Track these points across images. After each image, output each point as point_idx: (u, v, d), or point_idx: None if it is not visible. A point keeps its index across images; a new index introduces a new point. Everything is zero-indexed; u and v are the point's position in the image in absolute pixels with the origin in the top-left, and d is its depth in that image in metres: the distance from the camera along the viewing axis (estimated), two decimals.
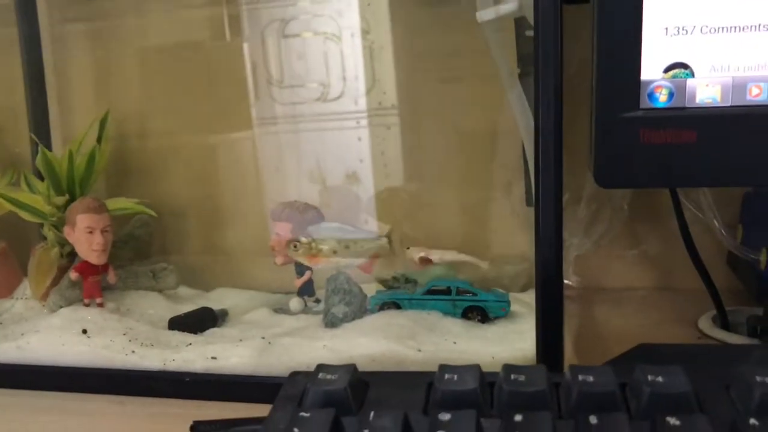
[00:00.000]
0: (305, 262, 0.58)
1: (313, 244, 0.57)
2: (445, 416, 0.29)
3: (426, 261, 0.58)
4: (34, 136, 0.64)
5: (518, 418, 0.29)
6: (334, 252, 0.57)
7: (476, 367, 0.33)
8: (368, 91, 0.63)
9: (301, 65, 0.64)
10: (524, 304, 0.55)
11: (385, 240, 0.58)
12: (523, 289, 0.59)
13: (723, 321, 0.55)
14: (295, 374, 0.37)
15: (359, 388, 0.34)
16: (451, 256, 0.59)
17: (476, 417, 0.29)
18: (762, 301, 0.54)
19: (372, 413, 0.30)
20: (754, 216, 0.59)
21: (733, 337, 0.53)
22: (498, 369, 0.34)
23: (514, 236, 0.62)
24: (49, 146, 0.67)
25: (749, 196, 0.60)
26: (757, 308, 0.55)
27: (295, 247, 0.57)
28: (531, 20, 0.40)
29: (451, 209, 0.64)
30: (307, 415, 0.30)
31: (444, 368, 0.34)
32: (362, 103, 0.63)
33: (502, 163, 0.61)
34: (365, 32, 0.62)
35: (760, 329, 0.52)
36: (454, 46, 0.61)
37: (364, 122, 0.64)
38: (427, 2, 0.62)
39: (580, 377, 0.32)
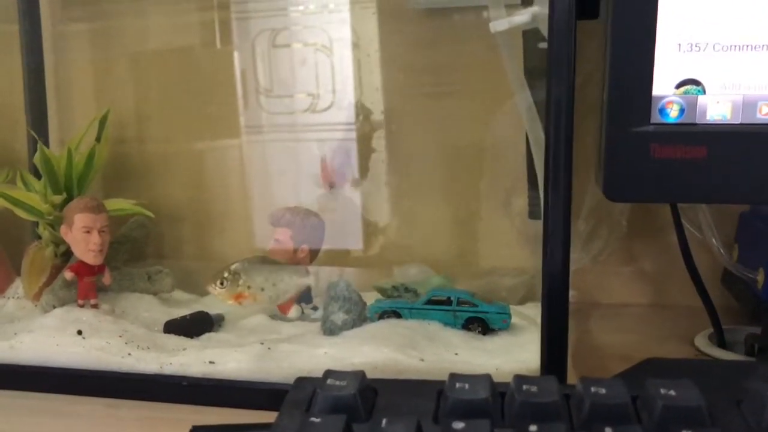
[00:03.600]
0: (229, 301, 0.55)
1: (242, 281, 0.55)
2: (459, 425, 0.29)
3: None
4: (33, 132, 0.63)
5: (533, 428, 0.29)
6: (262, 289, 0.56)
7: (487, 377, 0.33)
8: (358, 103, 0.63)
9: (290, 75, 0.64)
10: (523, 316, 0.55)
11: (311, 277, 0.57)
12: (522, 302, 0.59)
13: (720, 339, 0.55)
14: (301, 380, 0.36)
15: (368, 394, 0.34)
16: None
17: (490, 427, 0.29)
18: (759, 319, 0.54)
19: (384, 420, 0.30)
20: (750, 235, 0.59)
21: (730, 355, 0.53)
22: (502, 380, 0.34)
23: (512, 249, 0.62)
24: (46, 145, 0.66)
25: (745, 215, 0.61)
26: (753, 327, 0.55)
27: (221, 284, 0.55)
28: (544, 32, 0.40)
29: (448, 222, 0.64)
30: (318, 420, 0.30)
31: (455, 377, 0.33)
32: (351, 114, 0.63)
33: (501, 175, 0.62)
34: (355, 44, 0.62)
35: (757, 348, 0.52)
36: (445, 59, 0.61)
37: (352, 134, 0.64)
38: (417, 16, 0.62)
39: (593, 389, 0.32)
